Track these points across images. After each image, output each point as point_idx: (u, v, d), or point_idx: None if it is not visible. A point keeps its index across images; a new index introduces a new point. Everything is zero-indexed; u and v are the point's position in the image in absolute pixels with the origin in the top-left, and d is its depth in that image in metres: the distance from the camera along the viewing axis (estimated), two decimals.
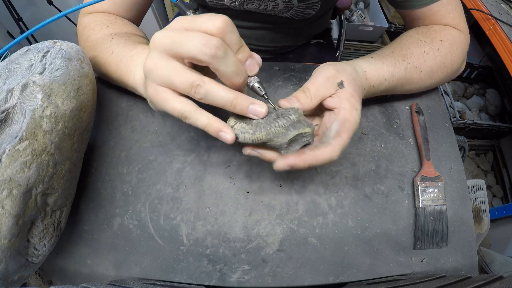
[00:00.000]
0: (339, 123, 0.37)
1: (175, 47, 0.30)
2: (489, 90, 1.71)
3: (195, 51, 0.29)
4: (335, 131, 0.36)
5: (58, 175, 0.36)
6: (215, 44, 0.28)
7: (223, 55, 0.29)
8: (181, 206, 0.45)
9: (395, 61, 0.46)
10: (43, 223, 0.36)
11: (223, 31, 0.29)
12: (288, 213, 0.44)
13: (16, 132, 0.33)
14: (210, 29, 0.29)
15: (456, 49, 0.50)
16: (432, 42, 0.49)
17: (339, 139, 0.35)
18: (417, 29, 0.53)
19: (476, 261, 0.44)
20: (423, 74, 0.48)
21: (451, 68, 0.51)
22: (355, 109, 0.38)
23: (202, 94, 0.30)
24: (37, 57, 0.39)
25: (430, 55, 0.48)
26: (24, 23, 1.42)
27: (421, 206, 0.45)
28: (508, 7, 1.34)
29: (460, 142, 0.99)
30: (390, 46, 0.50)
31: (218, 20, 0.29)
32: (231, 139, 0.32)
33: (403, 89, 0.49)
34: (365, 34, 1.87)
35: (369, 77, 0.44)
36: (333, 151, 0.35)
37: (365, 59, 0.47)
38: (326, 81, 0.39)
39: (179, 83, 0.30)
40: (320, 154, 0.34)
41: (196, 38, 0.29)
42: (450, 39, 0.51)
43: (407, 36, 0.51)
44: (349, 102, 0.38)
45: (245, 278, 0.42)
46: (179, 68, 0.30)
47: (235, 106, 0.31)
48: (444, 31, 0.51)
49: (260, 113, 0.32)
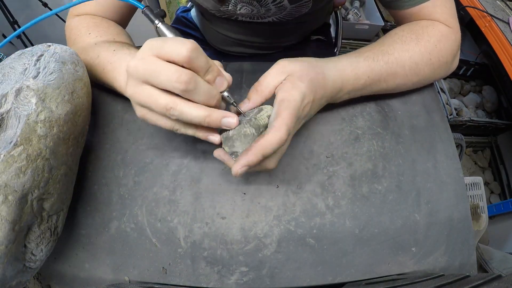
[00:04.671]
0: (276, 105, 0.38)
1: (148, 78, 0.32)
2: (486, 87, 1.72)
3: (167, 85, 0.31)
4: (274, 113, 0.37)
5: (54, 179, 0.36)
6: (184, 79, 0.31)
7: (193, 88, 0.32)
8: (178, 209, 0.45)
9: (373, 56, 0.46)
10: (39, 228, 0.36)
11: (189, 59, 0.31)
12: (285, 214, 0.44)
13: (10, 138, 0.33)
14: (177, 58, 0.31)
15: (443, 45, 0.50)
16: (418, 39, 0.49)
17: (279, 119, 0.36)
18: (403, 27, 0.53)
19: (474, 259, 0.45)
20: (408, 70, 0.48)
21: (438, 65, 0.50)
22: (295, 89, 0.38)
23: (176, 115, 0.33)
24: (31, 61, 0.39)
25: (416, 51, 0.48)
26: (19, 26, 1.42)
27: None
28: (503, 4, 1.34)
29: (457, 139, 0.99)
30: (371, 44, 0.50)
31: (183, 48, 0.31)
32: (218, 140, 0.37)
33: (388, 85, 0.49)
34: (361, 32, 1.88)
35: (342, 70, 0.44)
36: (278, 132, 0.35)
37: (340, 56, 0.47)
38: (277, 71, 0.40)
39: (155, 107, 0.33)
40: (265, 140, 0.35)
41: (167, 73, 0.31)
42: (437, 34, 0.50)
43: (392, 34, 0.51)
44: (290, 83, 0.39)
45: (243, 280, 0.41)
46: (153, 94, 0.33)
47: (209, 122, 0.34)
48: (431, 27, 0.51)
49: (233, 124, 0.36)
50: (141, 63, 0.32)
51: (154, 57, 0.32)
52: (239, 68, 0.56)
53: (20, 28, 0.42)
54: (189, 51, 0.31)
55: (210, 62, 0.34)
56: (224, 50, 0.88)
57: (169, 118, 0.35)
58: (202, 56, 0.33)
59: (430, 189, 0.47)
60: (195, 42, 0.32)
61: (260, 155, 0.35)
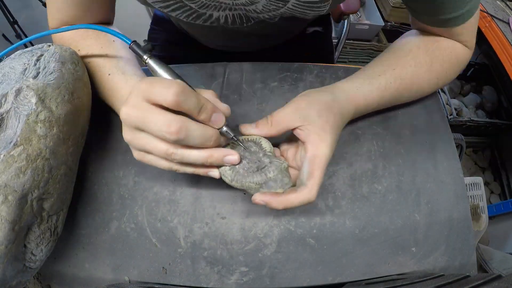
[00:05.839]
0: (308, 162, 0.37)
1: (141, 126, 0.31)
2: (486, 87, 1.72)
3: (160, 135, 0.31)
4: (307, 172, 0.37)
5: (54, 179, 0.36)
6: (174, 130, 0.30)
7: (185, 136, 0.31)
8: (178, 209, 0.45)
9: (386, 83, 0.45)
10: (39, 228, 0.36)
11: (177, 103, 0.30)
12: (285, 214, 0.44)
13: (10, 138, 0.33)
14: (166, 103, 0.30)
15: (453, 69, 0.49)
16: (432, 63, 0.47)
17: (312, 179, 0.36)
18: (419, 42, 0.49)
19: (474, 259, 0.45)
20: (414, 93, 0.49)
21: (442, 84, 0.50)
22: (323, 142, 0.38)
23: (178, 159, 0.33)
24: (31, 61, 0.39)
25: (425, 77, 0.47)
26: (19, 26, 1.42)
27: None
28: (503, 4, 1.34)
29: (457, 139, 0.99)
30: (385, 61, 0.48)
31: (169, 93, 0.30)
32: (218, 176, 0.37)
33: (391, 105, 0.50)
34: (361, 32, 1.87)
35: (355, 102, 0.44)
36: (309, 193, 0.35)
37: (351, 81, 0.46)
38: (293, 112, 0.39)
39: (156, 152, 0.33)
40: (295, 198, 0.35)
41: (157, 123, 0.30)
42: (452, 59, 0.48)
43: (406, 50, 0.48)
44: (317, 135, 0.38)
45: (243, 280, 0.41)
46: (151, 140, 0.32)
47: (211, 163, 0.34)
48: (449, 50, 0.48)
49: (234, 161, 0.36)
50: (132, 111, 0.31)
51: (145, 102, 0.31)
52: (239, 68, 0.56)
53: (24, 33, 0.42)
54: (175, 95, 0.30)
55: (202, 101, 0.32)
56: (210, 45, 0.79)
57: (169, 161, 0.34)
58: (192, 97, 0.31)
59: (430, 189, 0.47)
60: (182, 83, 0.31)
61: (283, 206, 0.35)
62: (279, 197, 0.35)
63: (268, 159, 0.38)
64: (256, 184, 0.37)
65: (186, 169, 0.36)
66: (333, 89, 0.44)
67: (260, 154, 0.39)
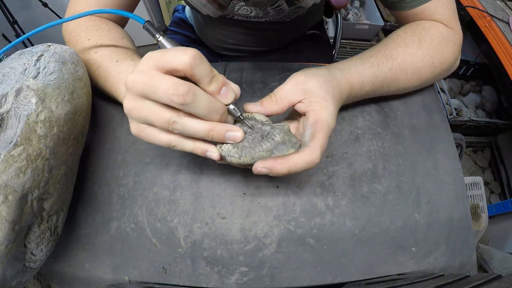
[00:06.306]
0: (310, 125, 0.37)
1: (146, 92, 0.31)
2: (486, 87, 1.72)
3: (166, 99, 0.30)
4: (309, 134, 0.36)
5: (54, 179, 0.36)
6: (182, 92, 0.29)
7: (192, 101, 0.30)
8: (178, 209, 0.45)
9: (378, 62, 0.46)
10: (39, 228, 0.36)
11: (191, 67, 0.30)
12: (285, 214, 0.44)
13: (10, 138, 0.33)
14: (177, 67, 0.30)
15: (445, 47, 0.50)
16: (420, 41, 0.49)
17: (314, 140, 0.36)
18: (405, 28, 0.52)
19: (474, 259, 0.45)
20: (410, 75, 0.48)
21: (440, 67, 0.50)
22: (325, 109, 0.38)
23: (179, 129, 0.32)
24: (31, 61, 0.39)
25: (418, 55, 0.48)
26: (19, 26, 1.42)
27: None
28: (503, 4, 1.34)
29: (457, 139, 0.99)
30: (375, 47, 0.50)
31: (185, 56, 0.29)
32: (217, 157, 0.34)
33: (390, 89, 0.49)
34: (361, 32, 1.87)
35: (350, 79, 0.44)
36: (312, 153, 0.35)
37: (346, 62, 0.47)
38: (293, 86, 0.39)
39: (156, 122, 0.32)
40: (298, 158, 0.34)
41: (164, 86, 0.29)
42: (439, 37, 0.50)
43: (394, 36, 0.51)
44: (319, 103, 0.38)
45: (243, 280, 0.41)
46: (154, 108, 0.31)
47: (212, 136, 0.33)
48: (433, 29, 0.51)
49: (237, 138, 0.34)
50: (140, 77, 0.30)
51: (154, 69, 0.30)
52: (239, 68, 0.56)
53: (24, 32, 0.42)
54: (191, 58, 0.29)
55: (214, 71, 0.32)
56: (221, 50, 0.87)
57: (167, 133, 0.33)
58: (205, 64, 0.31)
59: (430, 189, 0.47)
60: (198, 51, 0.30)
61: (287, 168, 0.34)
62: (281, 159, 0.34)
63: (269, 126, 0.37)
64: (267, 151, 0.35)
65: (185, 143, 0.34)
66: (327, 66, 0.45)
67: (258, 125, 0.38)
